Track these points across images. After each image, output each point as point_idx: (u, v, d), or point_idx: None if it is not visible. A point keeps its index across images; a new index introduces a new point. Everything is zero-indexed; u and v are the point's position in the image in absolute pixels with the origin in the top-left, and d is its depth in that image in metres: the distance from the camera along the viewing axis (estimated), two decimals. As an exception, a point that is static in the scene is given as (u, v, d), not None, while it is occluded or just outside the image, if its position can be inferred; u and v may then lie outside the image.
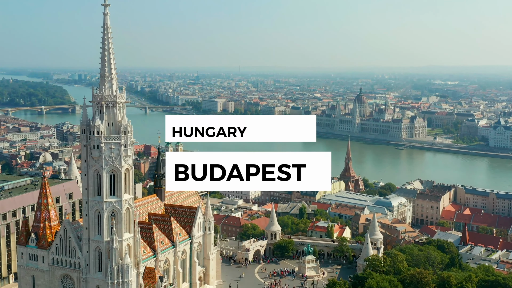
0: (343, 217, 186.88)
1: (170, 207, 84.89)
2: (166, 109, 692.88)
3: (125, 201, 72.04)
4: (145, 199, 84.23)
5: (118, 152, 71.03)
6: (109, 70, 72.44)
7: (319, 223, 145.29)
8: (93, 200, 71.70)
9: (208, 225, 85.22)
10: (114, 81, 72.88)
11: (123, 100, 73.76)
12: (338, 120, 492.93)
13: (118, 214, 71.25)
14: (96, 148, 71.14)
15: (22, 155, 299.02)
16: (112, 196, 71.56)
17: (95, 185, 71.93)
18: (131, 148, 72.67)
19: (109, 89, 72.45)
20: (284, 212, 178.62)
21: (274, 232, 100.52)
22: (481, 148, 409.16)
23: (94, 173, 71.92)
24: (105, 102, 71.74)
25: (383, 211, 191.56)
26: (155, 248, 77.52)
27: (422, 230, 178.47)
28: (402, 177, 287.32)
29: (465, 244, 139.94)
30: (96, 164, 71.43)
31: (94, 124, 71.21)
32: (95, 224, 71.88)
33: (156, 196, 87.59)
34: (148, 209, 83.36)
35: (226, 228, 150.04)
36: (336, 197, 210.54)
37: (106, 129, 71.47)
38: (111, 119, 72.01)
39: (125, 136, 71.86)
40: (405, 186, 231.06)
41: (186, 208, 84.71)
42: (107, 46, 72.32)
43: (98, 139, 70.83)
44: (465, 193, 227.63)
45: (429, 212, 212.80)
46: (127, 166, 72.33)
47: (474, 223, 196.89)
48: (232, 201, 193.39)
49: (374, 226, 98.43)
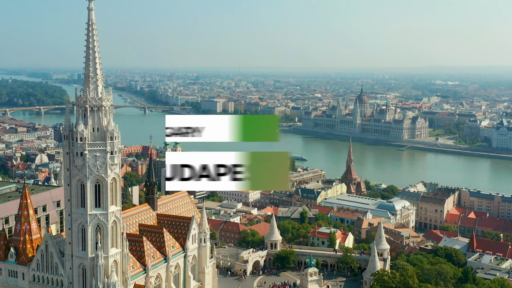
0: (345, 221, 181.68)
1: (163, 217, 78.73)
2: (165, 109, 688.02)
3: (112, 213, 65.94)
4: (136, 209, 78.06)
5: (104, 160, 64.99)
6: (94, 70, 66.29)
7: (321, 229, 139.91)
8: (76, 212, 65.58)
9: (203, 236, 78.64)
10: (100, 82, 66.95)
11: (109, 103, 67.92)
12: (339, 120, 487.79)
13: (103, 227, 65.15)
14: (80, 156, 64.92)
15: (17, 157, 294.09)
16: (97, 208, 65.41)
17: (78, 196, 65.82)
18: (118, 155, 66.77)
19: (94, 91, 66.29)
20: (285, 216, 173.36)
21: (274, 242, 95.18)
22: (483, 149, 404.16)
23: (78, 183, 65.81)
24: (90, 105, 65.64)
25: (386, 215, 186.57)
26: (145, 263, 71.32)
27: (427, 235, 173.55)
28: (404, 179, 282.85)
29: (472, 251, 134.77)
30: (80, 173, 65.30)
31: (77, 130, 64.96)
32: (78, 238, 65.58)
33: (148, 205, 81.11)
34: (139, 219, 76.98)
35: (225, 234, 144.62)
36: (338, 200, 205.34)
37: (90, 135, 65.42)
38: (96, 124, 65.88)
39: (112, 143, 65.71)
40: (408, 189, 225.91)
41: (180, 219, 78.36)
42: (91, 44, 66.08)
43: (82, 146, 64.69)
44: (469, 196, 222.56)
45: (433, 215, 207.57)
46: (113, 175, 66.26)
47: (479, 227, 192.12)
48: (231, 205, 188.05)
49: (381, 235, 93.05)
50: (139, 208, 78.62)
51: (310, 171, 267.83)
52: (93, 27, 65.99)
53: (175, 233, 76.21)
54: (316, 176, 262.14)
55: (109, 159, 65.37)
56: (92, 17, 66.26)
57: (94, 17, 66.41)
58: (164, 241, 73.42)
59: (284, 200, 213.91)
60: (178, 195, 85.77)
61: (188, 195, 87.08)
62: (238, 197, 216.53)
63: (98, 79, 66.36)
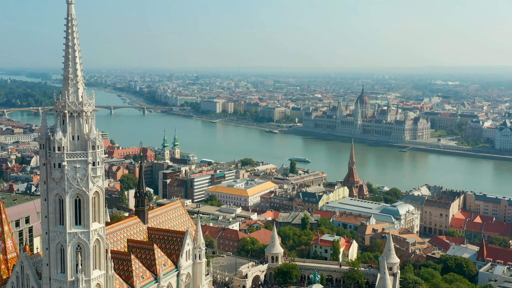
0: (348, 226, 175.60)
1: (154, 232, 71.44)
2: (164, 110, 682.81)
3: (94, 231, 58.59)
4: (124, 223, 70.60)
5: (85, 172, 57.67)
6: (74, 71, 59.06)
7: (324, 237, 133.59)
8: (54, 231, 58.12)
9: (198, 252, 71.23)
10: (80, 85, 59.78)
11: (91, 108, 60.32)
12: (340, 121, 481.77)
13: (85, 247, 57.81)
14: (57, 168, 57.54)
15: (13, 159, 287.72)
16: (78, 226, 58.06)
17: (56, 212, 58.43)
18: (101, 166, 59.50)
19: (73, 94, 58.99)
20: (286, 222, 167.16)
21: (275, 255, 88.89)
22: (486, 151, 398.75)
23: (56, 198, 58.38)
24: (69, 110, 58.23)
25: (390, 220, 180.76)
26: (133, 285, 63.80)
27: (433, 241, 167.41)
28: (407, 182, 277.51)
29: (482, 260, 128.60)
30: (58, 187, 57.88)
31: (54, 138, 57.54)
32: (57, 260, 58.21)
33: (138, 218, 73.37)
34: (128, 234, 69.69)
35: (223, 242, 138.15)
36: (340, 204, 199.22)
37: (69, 144, 58.23)
38: (76, 132, 58.58)
39: (94, 153, 58.37)
40: (412, 192, 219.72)
41: (172, 233, 70.91)
42: (71, 42, 58.55)
43: (60, 156, 57.31)
44: (475, 200, 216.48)
45: (438, 220, 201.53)
46: (96, 189, 58.91)
47: (485, 232, 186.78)
48: (230, 209, 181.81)
49: (390, 248, 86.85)
50: (128, 221, 71.27)
51: (311, 173, 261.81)
52: (73, 23, 58.87)
53: (167, 249, 69.08)
54: (317, 178, 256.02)
55: (91, 171, 58.26)
56: (72, 12, 59.21)
57: (74, 12, 59.34)
58: (155, 258, 66.36)
59: (284, 204, 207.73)
60: (171, 205, 78.96)
61: (182, 206, 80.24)
62: (237, 201, 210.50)
63: (78, 81, 59.30)
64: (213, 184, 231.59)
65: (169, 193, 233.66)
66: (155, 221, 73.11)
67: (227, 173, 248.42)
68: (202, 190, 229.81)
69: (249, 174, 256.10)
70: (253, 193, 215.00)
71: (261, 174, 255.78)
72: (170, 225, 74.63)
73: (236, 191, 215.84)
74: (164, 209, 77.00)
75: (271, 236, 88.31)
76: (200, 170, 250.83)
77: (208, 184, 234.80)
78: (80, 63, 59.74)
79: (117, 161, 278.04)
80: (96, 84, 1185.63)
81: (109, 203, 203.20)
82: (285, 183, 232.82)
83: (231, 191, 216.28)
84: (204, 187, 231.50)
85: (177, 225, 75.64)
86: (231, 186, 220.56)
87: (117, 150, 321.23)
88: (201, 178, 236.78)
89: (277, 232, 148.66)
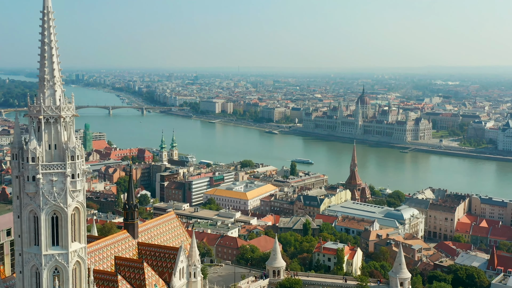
0: (351, 231, 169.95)
1: (145, 247, 64.45)
2: (163, 110, 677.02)
3: (74, 253, 51.79)
4: (112, 238, 63.61)
5: (62, 186, 50.76)
6: (51, 71, 52.01)
7: (327, 244, 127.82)
8: (28, 252, 51.37)
9: (193, 270, 64.33)
10: (58, 87, 52.59)
11: (70, 112, 53.13)
12: (340, 121, 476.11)
13: (63, 271, 51.17)
14: (32, 181, 50.78)
15: (7, 160, 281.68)
16: (55, 247, 51.15)
17: (31, 231, 51.69)
18: (81, 179, 52.64)
19: (50, 97, 52.12)
20: (286, 227, 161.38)
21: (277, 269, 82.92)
22: (489, 152, 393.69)
23: (30, 215, 51.65)
24: (45, 116, 51.26)
25: (394, 225, 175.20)
26: None
27: (438, 247, 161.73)
28: (409, 184, 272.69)
29: (493, 269, 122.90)
30: (32, 202, 51.12)
31: (28, 148, 50.60)
32: (32, 284, 51.58)
33: (127, 232, 66.04)
34: (116, 250, 62.54)
35: (221, 250, 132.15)
36: (342, 208, 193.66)
37: (45, 154, 51.40)
38: (52, 140, 51.66)
39: (73, 164, 51.40)
40: (416, 196, 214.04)
41: (164, 249, 63.64)
42: (47, 38, 51.62)
43: (34, 168, 50.43)
44: (480, 203, 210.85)
45: (443, 224, 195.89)
46: (75, 204, 51.96)
47: (492, 237, 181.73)
48: (229, 214, 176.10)
49: (401, 262, 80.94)
50: (116, 236, 64.46)
51: (312, 175, 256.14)
52: (49, 17, 51.78)
53: (159, 267, 62.37)
54: (318, 181, 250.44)
55: (70, 185, 51.40)
56: (48, 4, 52.20)
57: (51, 4, 52.23)
58: (145, 278, 59.61)
59: (285, 207, 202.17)
60: (165, 217, 72.54)
61: (176, 218, 73.85)
62: (236, 204, 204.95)
63: (56, 83, 52.27)
64: (211, 187, 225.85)
65: (166, 196, 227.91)
66: (146, 235, 66.54)
67: (226, 176, 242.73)
68: (201, 193, 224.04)
69: (248, 176, 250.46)
70: (252, 196, 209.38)
71: (261, 176, 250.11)
72: (163, 239, 68.20)
73: (235, 194, 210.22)
74: (156, 222, 70.57)
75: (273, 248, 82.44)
76: (199, 173, 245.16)
77: (206, 186, 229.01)
78: (58, 62, 52.65)
79: (114, 163, 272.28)
80: (95, 84, 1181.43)
81: (104, 207, 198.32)
82: (286, 186, 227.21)
83: (230, 194, 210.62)
84: (203, 190, 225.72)
85: (170, 239, 69.25)
86: (230, 189, 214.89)
87: (114, 151, 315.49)
88: (200, 180, 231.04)
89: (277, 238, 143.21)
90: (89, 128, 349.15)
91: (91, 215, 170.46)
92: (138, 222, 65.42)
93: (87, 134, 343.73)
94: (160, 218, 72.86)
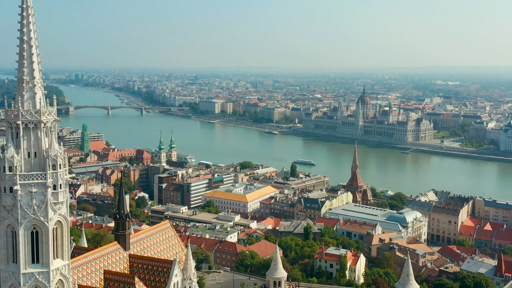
0: (353, 235, 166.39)
1: (137, 260, 58.96)
2: (162, 110, 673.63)
3: (56, 271, 47.34)
4: (101, 250, 58.21)
5: (43, 198, 46.18)
6: (30, 72, 47.15)
7: (329, 250, 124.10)
8: (6, 270, 46.97)
9: (189, 284, 59.49)
10: (38, 89, 47.69)
11: (52, 117, 48.48)
12: (341, 122, 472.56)
13: None
14: (9, 193, 46.21)
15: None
16: (35, 265, 46.54)
17: (9, 247, 47.31)
18: (64, 190, 47.91)
19: (29, 101, 47.39)
20: (287, 231, 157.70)
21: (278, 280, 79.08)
22: (491, 152, 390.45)
23: (7, 230, 47.20)
24: (23, 121, 46.80)
25: (396, 228, 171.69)
26: None
27: (442, 251, 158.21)
28: (411, 185, 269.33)
29: (500, 276, 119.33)
30: (9, 216, 46.60)
31: (5, 156, 46.11)
32: None
33: (118, 244, 60.82)
34: (105, 264, 57.47)
35: (220, 256, 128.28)
36: (344, 211, 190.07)
37: (24, 163, 46.91)
38: (32, 147, 47.09)
39: (55, 173, 46.87)
40: (418, 198, 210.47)
41: (158, 262, 58.45)
42: (26, 36, 46.86)
43: (11, 179, 45.97)
44: (484, 206, 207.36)
45: (446, 227, 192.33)
46: (58, 218, 47.45)
47: (496, 240, 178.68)
48: (228, 217, 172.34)
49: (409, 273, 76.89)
50: (106, 248, 59.45)
51: (313, 177, 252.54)
52: (29, 12, 47.12)
53: (152, 281, 57.26)
54: (319, 183, 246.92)
55: (51, 196, 46.71)
56: None
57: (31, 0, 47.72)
58: (136, 294, 56.05)
59: (285, 210, 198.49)
60: (159, 226, 68.29)
61: (171, 227, 69.69)
62: (236, 207, 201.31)
63: (36, 84, 47.48)
64: (210, 189, 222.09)
65: (164, 198, 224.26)
66: (139, 246, 62.02)
67: (225, 177, 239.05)
68: (199, 195, 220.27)
69: (248, 178, 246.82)
70: (252, 199, 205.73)
71: (260, 178, 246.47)
72: (156, 250, 63.85)
73: (235, 197, 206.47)
74: (149, 232, 66.21)
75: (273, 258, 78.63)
76: (197, 174, 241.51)
77: (205, 188, 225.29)
78: (39, 61, 48.00)
79: (112, 164, 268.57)
80: (94, 84, 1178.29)
81: (101, 210, 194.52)
82: (286, 188, 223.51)
83: (229, 196, 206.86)
84: (201, 191, 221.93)
85: (165, 250, 64.96)
86: (230, 191, 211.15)
87: (112, 152, 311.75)
88: (198, 182, 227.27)
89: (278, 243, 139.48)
90: (87, 129, 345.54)
91: (87, 218, 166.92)
92: (130, 232, 61.34)
93: (85, 135, 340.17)
94: (154, 227, 68.78)
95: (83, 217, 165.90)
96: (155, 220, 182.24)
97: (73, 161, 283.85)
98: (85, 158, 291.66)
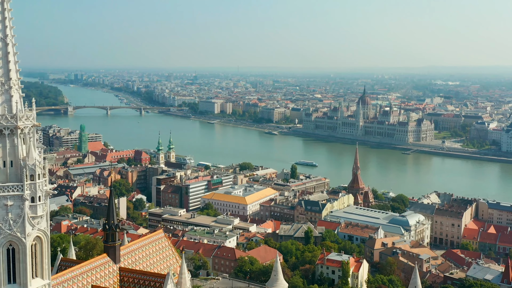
0: (354, 239, 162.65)
1: (127, 274, 53.96)
2: (162, 111, 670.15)
3: None
4: (89, 263, 53.71)
5: (20, 212, 41.96)
6: (6, 73, 42.74)
7: (331, 256, 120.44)
8: None
9: None
10: (15, 91, 43.43)
11: (30, 122, 44.26)
12: (341, 122, 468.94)
13: None
14: None
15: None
16: (12, 285, 42.43)
17: None
18: (44, 202, 43.71)
19: (5, 104, 43.06)
20: (287, 235, 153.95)
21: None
22: (492, 153, 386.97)
23: None
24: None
25: (399, 231, 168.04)
26: None
27: (446, 255, 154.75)
28: (413, 187, 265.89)
29: (508, 283, 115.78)
30: None
31: None
32: None
33: (107, 256, 56.63)
34: (93, 278, 53.42)
35: (218, 262, 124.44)
36: (345, 213, 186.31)
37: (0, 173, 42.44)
38: (8, 156, 42.68)
39: (33, 184, 42.67)
40: (421, 200, 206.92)
41: (150, 276, 54.71)
42: (2, 33, 42.42)
43: None
44: (488, 208, 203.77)
45: (450, 230, 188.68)
46: (37, 233, 43.38)
47: (500, 244, 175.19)
48: (227, 220, 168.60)
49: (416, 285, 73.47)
50: (94, 261, 54.90)
51: (313, 179, 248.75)
52: (5, 7, 42.89)
53: None
54: (319, 184, 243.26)
55: (29, 210, 42.44)
56: None
57: None
58: (126, 311, 52.12)
59: (285, 213, 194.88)
60: (152, 236, 64.11)
61: (165, 237, 65.79)
62: (235, 209, 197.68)
63: (12, 86, 43.15)
64: (209, 191, 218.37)
65: (163, 201, 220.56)
66: (130, 258, 57.80)
67: (225, 179, 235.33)
68: (198, 197, 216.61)
69: (247, 179, 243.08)
70: (252, 201, 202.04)
71: (260, 179, 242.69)
72: (149, 262, 59.64)
73: (234, 199, 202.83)
74: (142, 242, 61.95)
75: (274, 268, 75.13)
76: (196, 176, 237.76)
77: (204, 190, 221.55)
78: (15, 61, 43.63)
79: (109, 166, 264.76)
80: (94, 84, 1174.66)
81: (98, 213, 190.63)
82: (286, 190, 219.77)
83: (228, 198, 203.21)
84: (200, 193, 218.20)
85: (158, 261, 60.90)
86: (229, 193, 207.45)
87: (110, 153, 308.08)
88: (197, 184, 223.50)
89: (278, 248, 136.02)
90: (84, 129, 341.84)
91: (83, 222, 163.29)
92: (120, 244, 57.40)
93: (83, 135, 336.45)
94: (147, 237, 64.75)
95: (78, 220, 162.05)
96: (153, 223, 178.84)
97: (71, 162, 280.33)
98: (83, 159, 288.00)
